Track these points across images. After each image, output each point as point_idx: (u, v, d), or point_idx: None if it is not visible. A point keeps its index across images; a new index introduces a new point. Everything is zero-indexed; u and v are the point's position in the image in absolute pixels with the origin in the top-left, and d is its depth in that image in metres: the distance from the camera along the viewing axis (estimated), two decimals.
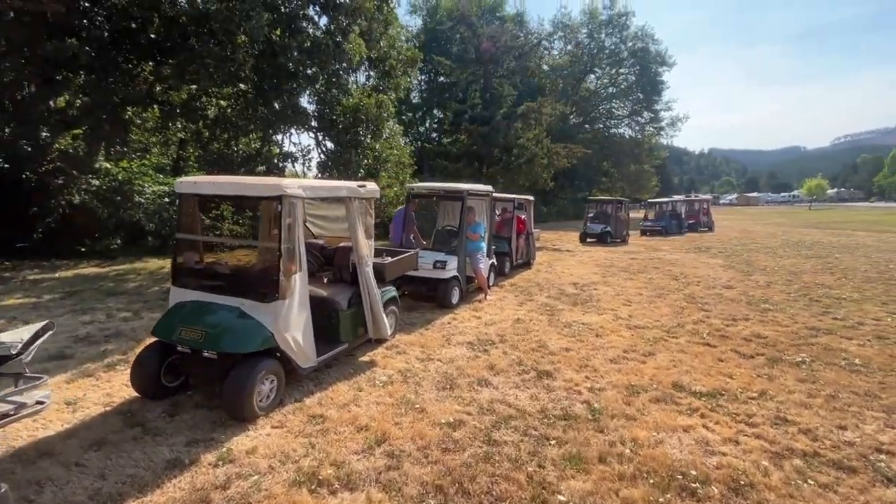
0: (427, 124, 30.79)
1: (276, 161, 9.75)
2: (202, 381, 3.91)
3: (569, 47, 38.04)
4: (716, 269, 11.37)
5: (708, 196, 35.43)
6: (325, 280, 5.26)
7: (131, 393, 3.84)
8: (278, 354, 3.72)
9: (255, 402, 3.46)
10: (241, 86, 8.97)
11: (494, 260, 9.12)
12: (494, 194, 9.14)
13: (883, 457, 3.16)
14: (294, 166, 11.11)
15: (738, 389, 4.22)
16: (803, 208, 58.74)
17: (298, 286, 3.79)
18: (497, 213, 12.07)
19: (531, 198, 12.00)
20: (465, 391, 4.07)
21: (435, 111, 30.07)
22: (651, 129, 41.85)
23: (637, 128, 41.56)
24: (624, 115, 41.12)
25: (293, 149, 10.62)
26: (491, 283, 8.76)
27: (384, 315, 4.85)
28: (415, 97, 29.41)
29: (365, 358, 4.85)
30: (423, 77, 29.38)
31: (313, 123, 10.71)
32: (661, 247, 16.75)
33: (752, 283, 9.58)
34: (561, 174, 28.03)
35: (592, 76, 39.84)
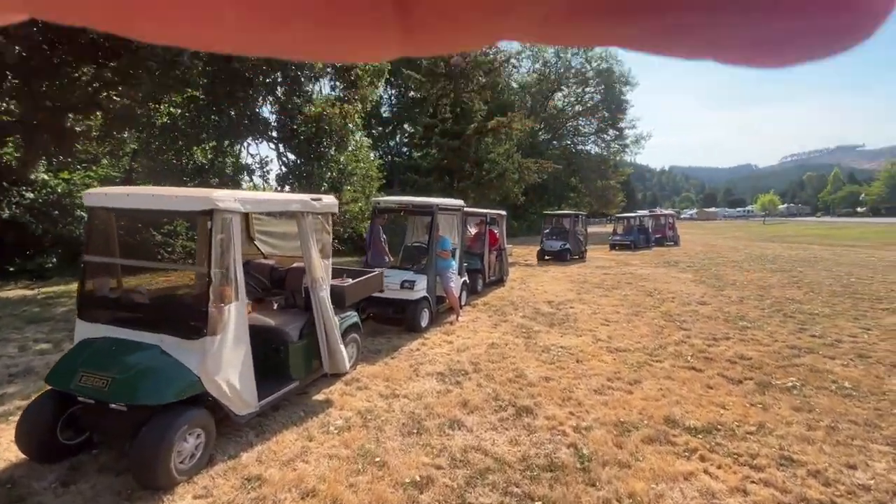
0: (397, 138, 30.47)
1: (230, 173, 9.01)
2: (110, 439, 3.19)
3: (536, 65, 38.88)
4: (688, 285, 11.29)
5: (670, 211, 36.53)
6: (276, 306, 4.63)
7: (19, 454, 3.08)
8: (209, 400, 3.07)
9: (174, 464, 2.79)
10: (192, 91, 8.24)
11: (466, 278, 8.66)
12: (466, 209, 8.73)
13: None
14: (252, 179, 10.39)
15: (734, 423, 3.85)
16: (758, 223, 61.64)
17: (234, 318, 3.17)
18: (471, 228, 11.71)
19: (503, 212, 11.67)
20: (434, 436, 3.51)
21: (405, 125, 29.80)
22: (616, 146, 43.08)
23: (603, 145, 42.68)
24: (590, 132, 42.16)
25: (251, 160, 9.92)
26: (463, 303, 8.27)
27: (343, 346, 4.25)
28: (385, 111, 29.10)
29: (319, 396, 4.22)
30: (393, 91, 29.16)
31: (273, 134, 10.06)
32: (632, 261, 16.77)
33: (725, 298, 9.48)
34: (531, 189, 28.15)
35: (560, 94, 40.75)
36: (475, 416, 3.87)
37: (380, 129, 29.00)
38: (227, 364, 3.12)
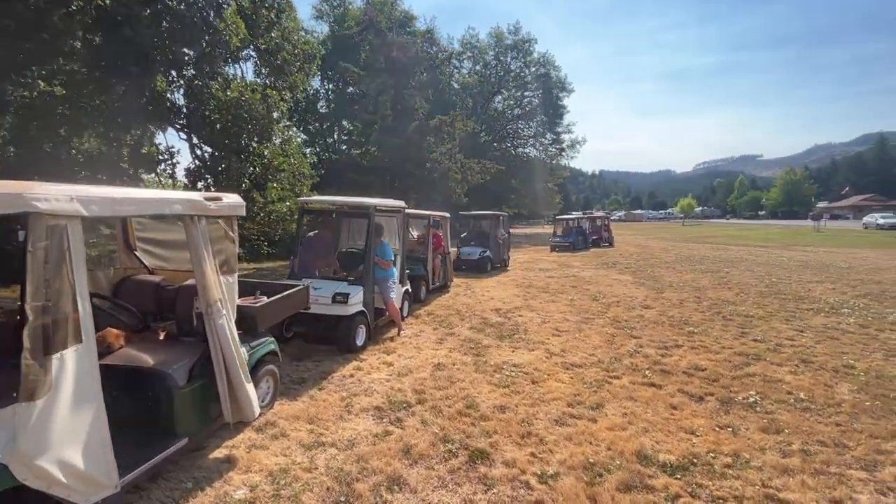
0: (335, 135, 28.94)
1: (125, 166, 7.52)
2: None
3: (477, 67, 38.91)
4: (629, 287, 11.35)
5: (602, 213, 38.09)
6: (163, 336, 3.61)
7: None
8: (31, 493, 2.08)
9: None
10: (68, 64, 6.68)
11: (409, 286, 7.91)
12: (408, 210, 7.98)
13: None
14: (158, 174, 8.86)
15: (708, 454, 3.44)
16: (678, 224, 66.55)
17: (72, 369, 2.19)
18: (414, 231, 10.96)
19: (447, 214, 11.07)
20: None
21: (344, 122, 28.37)
22: (553, 149, 44.26)
23: (541, 148, 43.68)
24: (529, 135, 42.95)
25: (155, 151, 8.40)
26: (405, 315, 7.52)
27: (250, 386, 3.33)
28: (322, 106, 27.50)
29: (219, 453, 3.28)
30: (331, 85, 27.65)
31: (183, 121, 8.64)
32: (573, 263, 16.90)
33: (665, 301, 9.53)
34: (473, 191, 27.91)
35: (500, 97, 41.11)
36: (420, 469, 3.14)
37: (316, 124, 27.38)
38: (60, 437, 2.14)
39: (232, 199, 3.42)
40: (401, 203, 7.39)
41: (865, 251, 20.73)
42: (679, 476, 3.15)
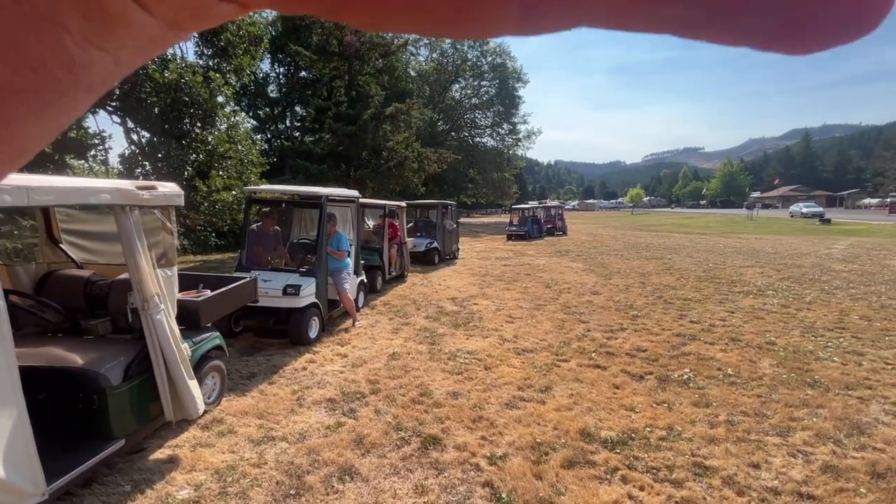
0: (287, 122, 27.84)
1: (49, 151, 6.86)
2: None
3: (434, 55, 38.59)
4: (580, 274, 11.81)
5: (556, 203, 39.24)
6: (98, 334, 3.39)
7: None
8: None
9: None
10: None
11: (364, 276, 7.83)
12: (362, 200, 7.87)
13: None
14: (88, 160, 8.15)
15: (645, 428, 3.70)
16: (627, 212, 69.70)
17: None
18: (370, 221, 10.82)
19: (403, 204, 11.01)
20: (319, 496, 2.73)
21: (297, 108, 27.32)
22: (510, 139, 44.87)
23: (498, 138, 44.15)
24: (486, 125, 43.31)
25: (84, 135, 7.71)
26: (360, 305, 7.45)
27: (194, 382, 3.21)
28: (273, 91, 26.35)
29: (159, 454, 3.15)
30: (282, 69, 26.51)
31: (114, 103, 7.99)
32: (527, 251, 17.33)
33: (613, 287, 10.01)
34: (431, 180, 27.86)
35: (457, 86, 41.07)
36: (372, 458, 3.16)
37: (267, 109, 26.21)
38: None
39: (168, 188, 3.24)
40: (354, 192, 7.26)
41: (790, 237, 22.63)
42: (618, 450, 3.36)
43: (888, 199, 53.30)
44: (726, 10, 0.16)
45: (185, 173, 8.31)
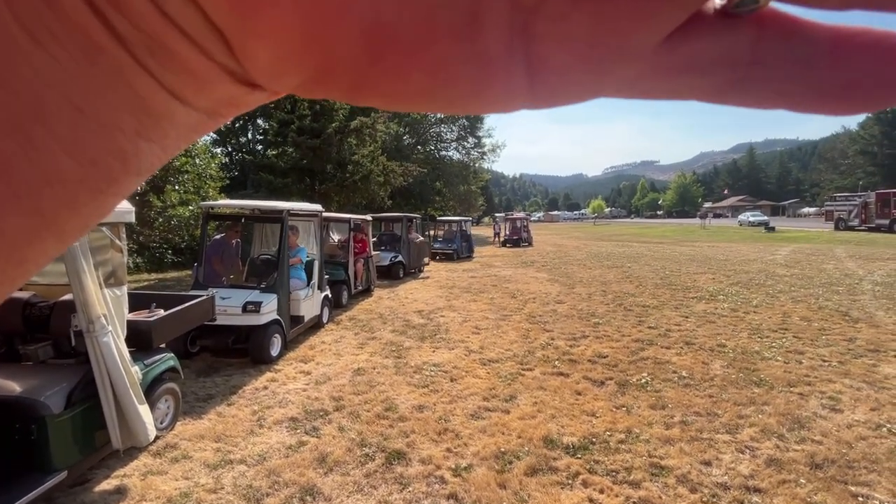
0: (250, 134, 27.26)
1: None
2: None
3: None
4: (544, 284, 12.07)
5: (522, 214, 40.06)
6: (38, 359, 3.19)
7: None
8: None
9: None
10: None
11: (328, 291, 7.71)
12: (326, 214, 7.79)
13: (756, 498, 2.95)
14: None
15: (605, 432, 3.81)
16: (590, 223, 71.95)
17: None
18: (335, 235, 10.69)
19: (369, 217, 10.96)
20: None
21: (259, 120, 26.81)
22: (476, 153, 45.62)
23: (464, 151, 44.81)
24: (452, 139, 43.87)
25: None
26: (325, 321, 7.33)
27: (144, 407, 3.07)
28: None
29: (106, 484, 2.97)
30: None
31: None
32: (494, 263, 17.56)
33: (576, 296, 10.29)
34: (397, 193, 27.86)
35: None
36: (335, 476, 3.11)
37: (227, 123, 25.55)
38: None
39: (118, 206, 3.12)
40: (317, 206, 7.19)
41: (739, 245, 23.99)
42: (580, 455, 3.45)
43: (824, 208, 57.56)
44: (763, 76, 0.15)
45: (139, 188, 7.98)
